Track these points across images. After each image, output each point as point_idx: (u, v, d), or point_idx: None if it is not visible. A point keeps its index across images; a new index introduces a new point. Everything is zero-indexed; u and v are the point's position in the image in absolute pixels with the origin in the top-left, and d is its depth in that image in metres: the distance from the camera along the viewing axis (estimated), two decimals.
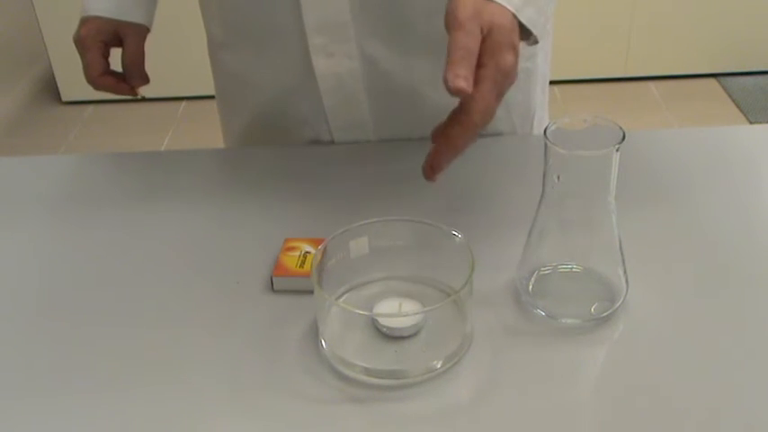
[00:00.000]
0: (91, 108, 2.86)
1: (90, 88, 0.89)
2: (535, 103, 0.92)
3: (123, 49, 0.89)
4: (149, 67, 0.90)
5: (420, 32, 0.81)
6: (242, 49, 0.87)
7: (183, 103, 2.82)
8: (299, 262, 0.67)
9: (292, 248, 0.68)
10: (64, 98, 2.88)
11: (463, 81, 0.58)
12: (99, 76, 0.88)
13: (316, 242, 0.68)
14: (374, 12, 0.80)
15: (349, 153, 0.86)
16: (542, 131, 0.57)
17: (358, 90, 0.84)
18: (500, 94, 0.61)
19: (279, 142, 0.91)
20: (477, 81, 0.59)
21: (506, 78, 0.61)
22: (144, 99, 0.92)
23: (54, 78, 2.85)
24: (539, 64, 0.90)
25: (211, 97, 0.99)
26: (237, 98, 0.93)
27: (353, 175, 0.82)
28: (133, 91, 0.90)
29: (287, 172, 0.83)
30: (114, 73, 0.89)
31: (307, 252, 0.68)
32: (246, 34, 0.86)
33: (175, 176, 0.84)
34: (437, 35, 0.82)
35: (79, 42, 0.87)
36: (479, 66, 0.60)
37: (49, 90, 2.96)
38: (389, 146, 0.87)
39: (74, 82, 2.86)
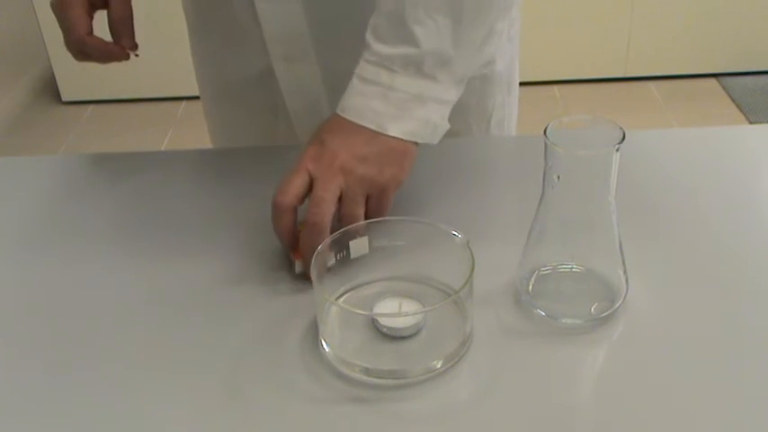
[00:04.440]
0: (91, 108, 2.86)
1: (90, 88, 0.89)
2: (493, 105, 0.91)
3: (109, 7, 0.79)
4: (150, 67, 0.91)
5: None
6: (210, 39, 0.90)
7: (183, 103, 2.82)
8: None
9: None
10: (64, 98, 2.88)
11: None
12: (87, 34, 0.76)
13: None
14: (328, 22, 0.80)
15: None
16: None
17: (319, 93, 0.85)
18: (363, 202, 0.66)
19: (248, 131, 0.94)
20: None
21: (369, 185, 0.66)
22: (137, 56, 0.80)
23: (54, 78, 2.85)
24: (497, 70, 0.89)
25: None
26: (210, 83, 0.96)
27: None
28: (124, 52, 0.78)
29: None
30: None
31: None
32: (212, 27, 0.89)
33: (175, 176, 0.84)
34: None
35: (60, 3, 0.76)
36: None
37: (49, 90, 2.96)
38: None
39: (74, 82, 2.87)
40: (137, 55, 0.79)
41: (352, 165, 0.64)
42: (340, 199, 0.64)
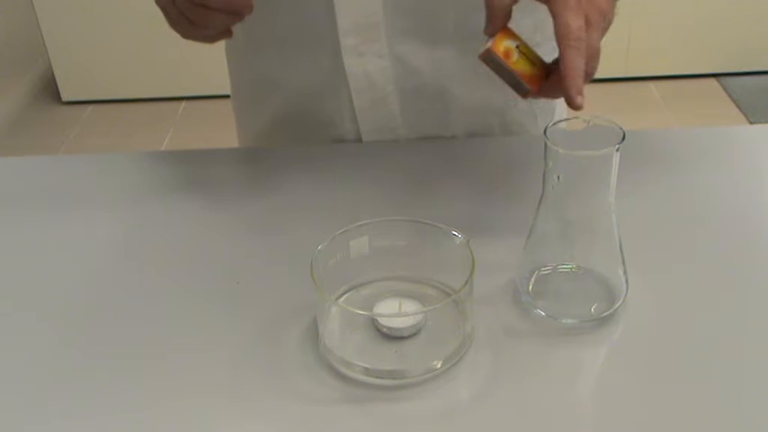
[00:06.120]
0: (91, 108, 2.86)
1: (90, 88, 0.88)
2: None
3: None
4: (150, 67, 0.89)
5: (449, 28, 0.81)
6: (268, 52, 0.87)
7: (183, 103, 2.82)
8: (515, 55, 0.63)
9: (508, 50, 0.63)
10: (64, 98, 2.88)
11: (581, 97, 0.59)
12: None
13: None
14: (405, 10, 0.80)
15: (348, 153, 0.86)
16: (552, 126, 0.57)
17: (388, 90, 0.84)
18: (602, 36, 0.62)
19: (300, 143, 0.90)
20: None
21: (605, 19, 0.62)
22: None
23: (54, 78, 2.85)
24: None
25: (211, 97, 0.99)
26: (259, 101, 0.93)
27: (353, 175, 0.82)
28: (248, 2, 0.68)
29: (287, 172, 0.83)
30: None
31: (520, 51, 0.63)
32: (273, 38, 0.85)
33: (175, 176, 0.84)
34: (466, 31, 0.82)
35: None
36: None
37: (49, 90, 2.96)
38: (390, 146, 0.87)
39: (74, 82, 2.87)
40: None
41: None
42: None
